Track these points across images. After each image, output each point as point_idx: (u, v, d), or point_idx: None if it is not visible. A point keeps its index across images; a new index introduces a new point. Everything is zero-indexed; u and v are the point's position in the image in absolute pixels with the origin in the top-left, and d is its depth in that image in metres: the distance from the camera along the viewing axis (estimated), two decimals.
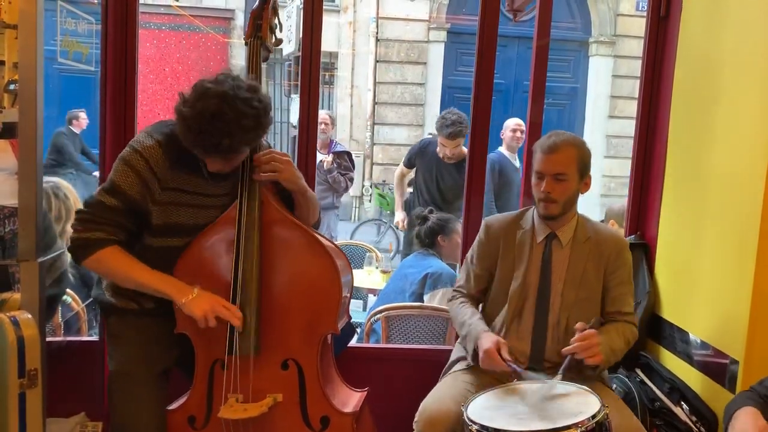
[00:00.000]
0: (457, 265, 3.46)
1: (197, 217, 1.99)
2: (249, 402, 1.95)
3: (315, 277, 1.98)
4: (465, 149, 4.20)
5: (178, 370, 2.10)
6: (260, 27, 2.05)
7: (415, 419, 1.98)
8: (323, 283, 1.98)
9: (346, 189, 5.24)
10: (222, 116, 1.73)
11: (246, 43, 2.06)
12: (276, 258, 1.98)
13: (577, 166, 2.10)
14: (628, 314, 2.18)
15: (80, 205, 2.76)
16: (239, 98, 1.76)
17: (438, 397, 2.03)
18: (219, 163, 1.88)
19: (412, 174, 4.80)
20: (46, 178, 2.77)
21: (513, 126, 4.79)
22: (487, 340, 2.04)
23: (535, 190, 2.16)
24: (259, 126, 1.81)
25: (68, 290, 2.62)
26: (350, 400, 2.11)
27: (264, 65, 2.09)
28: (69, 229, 2.70)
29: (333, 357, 2.18)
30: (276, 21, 2.12)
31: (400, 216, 4.94)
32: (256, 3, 2.10)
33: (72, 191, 2.78)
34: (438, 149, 4.38)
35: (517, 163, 4.74)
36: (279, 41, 2.18)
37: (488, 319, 2.23)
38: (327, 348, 2.10)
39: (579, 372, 2.01)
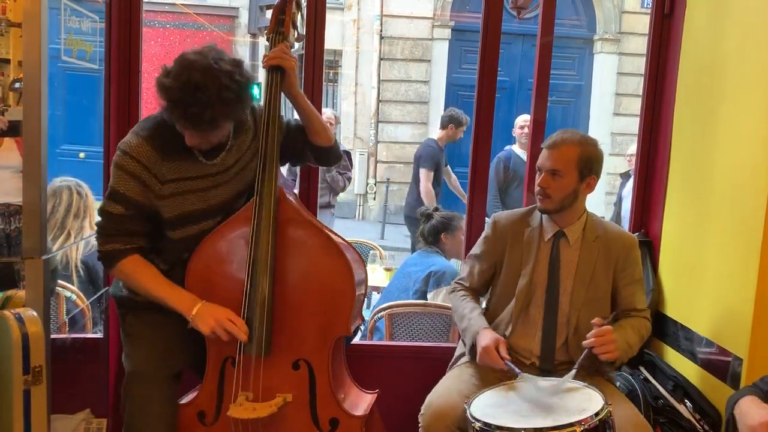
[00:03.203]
0: (460, 263, 3.47)
1: (207, 199, 1.98)
2: (259, 401, 1.95)
3: (329, 279, 1.97)
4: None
5: (190, 370, 2.11)
6: (282, 22, 2.03)
7: (421, 412, 1.99)
8: (337, 285, 1.97)
9: (344, 188, 5.29)
10: (205, 89, 1.74)
11: (267, 39, 2.04)
12: (291, 257, 1.97)
13: (576, 165, 2.09)
14: (642, 311, 2.19)
15: (95, 204, 2.81)
16: (222, 71, 1.78)
17: (444, 391, 2.04)
18: (197, 138, 1.86)
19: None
20: (67, 177, 2.82)
21: (521, 123, 4.81)
22: (486, 337, 2.05)
23: (536, 184, 2.17)
24: (239, 100, 1.82)
25: (73, 287, 2.63)
26: (360, 402, 2.11)
27: None
28: (86, 225, 2.75)
29: (344, 358, 2.18)
30: (299, 16, 2.09)
31: None
32: None
33: (88, 188, 2.84)
34: (452, 135, 5.25)
35: None
36: (301, 37, 2.16)
37: (493, 315, 2.23)
38: (339, 349, 2.10)
39: (596, 367, 2.02)
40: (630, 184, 5.83)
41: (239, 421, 1.92)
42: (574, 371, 1.90)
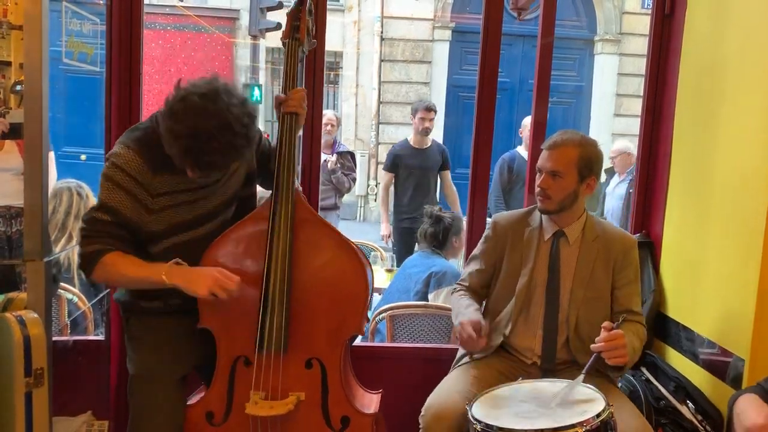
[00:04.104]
0: (460, 262, 3.46)
1: (195, 209, 1.98)
2: (275, 399, 1.96)
3: (344, 278, 1.99)
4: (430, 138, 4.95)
5: (195, 372, 2.10)
6: (298, 28, 2.04)
7: (422, 413, 1.99)
8: (351, 285, 1.99)
9: (349, 189, 5.27)
10: (218, 138, 1.72)
11: (283, 44, 2.06)
12: (307, 257, 1.99)
13: (576, 166, 2.10)
14: (637, 314, 2.18)
15: None
16: (234, 116, 1.74)
17: (444, 391, 2.04)
18: (198, 174, 1.84)
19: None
20: (69, 178, 2.81)
21: (528, 124, 4.80)
22: (467, 318, 2.06)
23: (536, 185, 2.17)
24: (249, 142, 1.82)
25: (74, 289, 2.64)
26: (369, 401, 2.12)
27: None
28: None
29: (349, 359, 2.19)
30: (311, 23, 2.11)
31: (386, 230, 5.09)
32: (293, 4, 2.08)
33: (89, 190, 2.83)
34: (417, 126, 4.85)
35: None
36: (314, 43, 2.18)
37: (493, 314, 2.24)
38: (347, 349, 2.11)
39: (603, 372, 2.01)
40: (614, 180, 5.86)
41: (257, 419, 1.93)
42: (582, 376, 1.89)
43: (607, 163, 5.99)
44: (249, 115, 1.81)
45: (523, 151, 4.81)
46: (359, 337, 2.69)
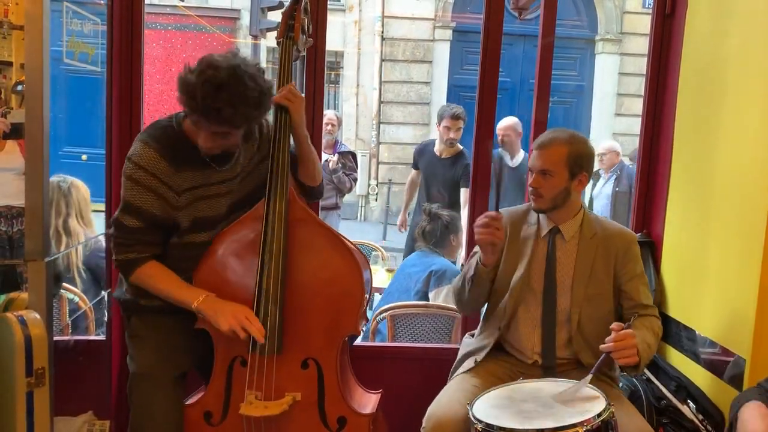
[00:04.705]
0: (458, 262, 3.46)
1: (217, 206, 2.00)
2: (268, 399, 1.96)
3: (339, 278, 1.99)
4: (459, 146, 4.49)
5: (195, 371, 2.11)
6: (292, 27, 2.05)
7: (423, 425, 1.97)
8: (347, 284, 1.99)
9: (350, 189, 5.26)
10: (229, 87, 1.76)
11: (277, 43, 2.06)
12: (301, 257, 1.99)
13: (566, 164, 2.10)
14: (649, 306, 2.16)
15: (88, 202, 2.79)
16: (248, 73, 1.80)
17: (445, 402, 2.02)
18: (211, 140, 1.87)
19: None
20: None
21: (499, 126, 4.65)
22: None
23: (527, 184, 2.19)
24: (261, 104, 1.84)
25: (75, 289, 2.64)
26: (367, 401, 2.12)
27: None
28: (71, 224, 2.72)
29: (349, 359, 2.19)
30: (307, 22, 2.11)
31: (402, 218, 5.20)
32: (288, 3, 2.09)
33: (78, 186, 2.80)
34: (441, 135, 4.49)
35: (512, 162, 4.66)
36: (310, 42, 2.18)
37: (491, 309, 2.24)
38: (345, 349, 2.11)
39: (612, 370, 2.00)
40: (600, 182, 5.85)
41: (251, 419, 1.93)
42: (590, 376, 1.88)
43: (594, 166, 5.95)
44: (263, 78, 1.85)
45: (504, 152, 4.69)
46: (360, 337, 2.70)
